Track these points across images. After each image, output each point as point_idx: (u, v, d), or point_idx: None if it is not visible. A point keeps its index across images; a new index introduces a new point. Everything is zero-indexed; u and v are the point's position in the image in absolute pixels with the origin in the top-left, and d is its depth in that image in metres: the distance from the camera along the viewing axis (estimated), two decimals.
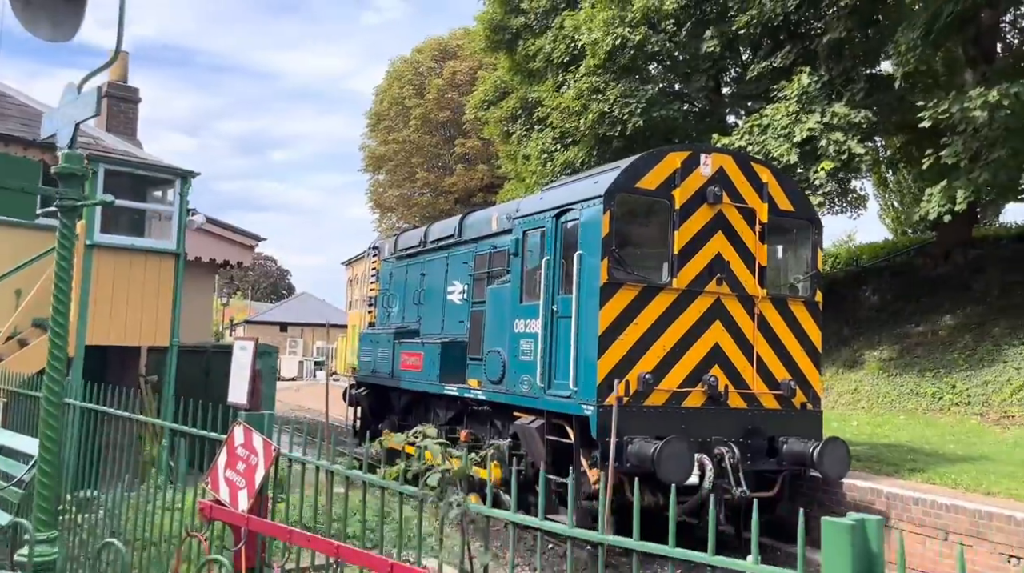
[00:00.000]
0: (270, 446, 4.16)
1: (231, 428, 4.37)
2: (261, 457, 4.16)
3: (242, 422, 4.32)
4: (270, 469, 4.15)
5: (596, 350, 8.34)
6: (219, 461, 4.38)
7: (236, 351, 5.47)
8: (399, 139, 46.60)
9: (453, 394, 11.50)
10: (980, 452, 11.48)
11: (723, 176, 9.12)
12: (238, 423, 4.34)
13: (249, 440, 4.26)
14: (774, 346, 9.25)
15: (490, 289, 10.88)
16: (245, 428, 4.29)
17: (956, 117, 12.45)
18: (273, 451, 4.14)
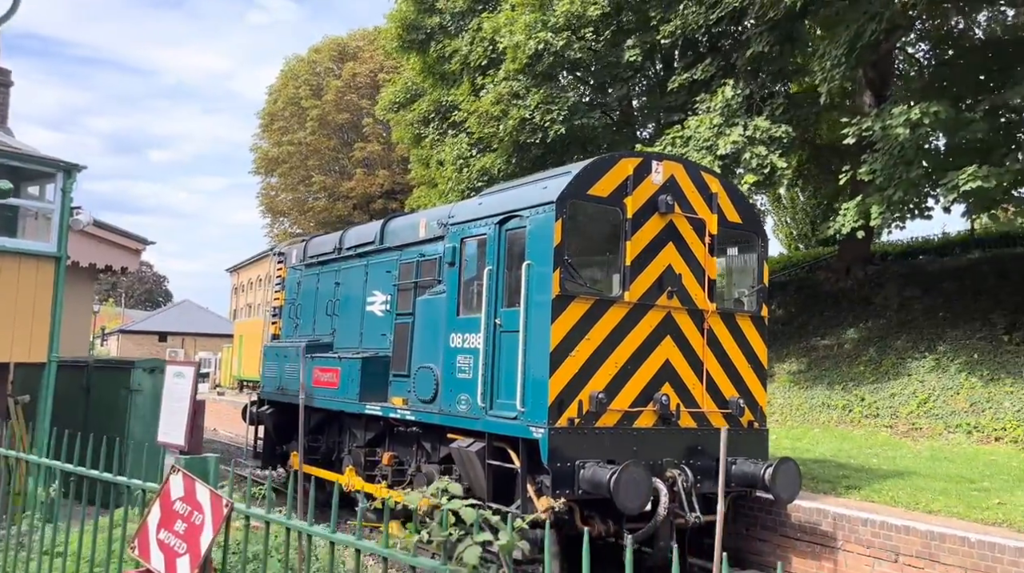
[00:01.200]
0: (220, 501, 3.31)
1: (166, 477, 3.48)
2: (208, 515, 3.31)
3: (181, 470, 3.44)
4: (220, 530, 3.31)
5: (547, 368, 7.73)
6: (150, 520, 3.48)
7: (170, 379, 4.53)
8: (294, 141, 44.83)
9: (375, 414, 10.64)
10: (904, 466, 11.59)
11: (674, 185, 8.73)
12: (176, 470, 3.46)
13: (191, 493, 3.40)
14: (723, 363, 8.92)
15: (420, 300, 10.11)
16: (186, 477, 3.43)
17: (876, 134, 12.64)
18: (225, 507, 3.30)
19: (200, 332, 70.11)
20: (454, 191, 18.80)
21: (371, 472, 11.24)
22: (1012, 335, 15.64)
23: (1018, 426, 13.63)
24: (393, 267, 11.46)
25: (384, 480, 10.68)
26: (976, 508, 8.88)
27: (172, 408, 4.35)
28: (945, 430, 14.42)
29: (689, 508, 8.07)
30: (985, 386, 14.76)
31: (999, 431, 13.76)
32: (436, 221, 10.68)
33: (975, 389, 14.84)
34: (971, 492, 9.68)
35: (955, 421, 14.47)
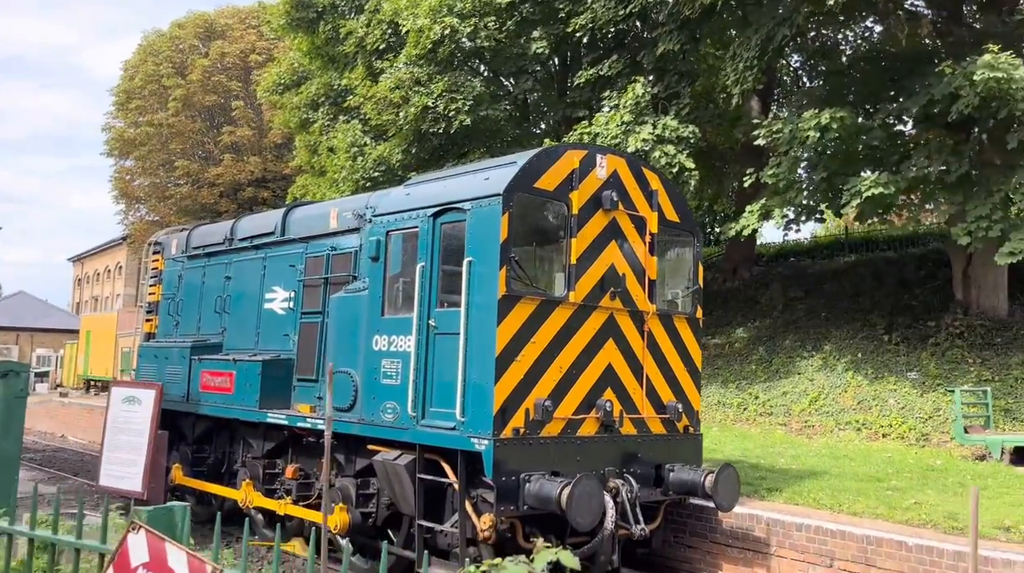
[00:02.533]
0: (204, 569, 2.52)
1: (123, 536, 2.65)
2: None
3: (143, 526, 2.62)
4: None
5: (492, 374, 7.13)
6: None
7: (116, 405, 3.57)
8: (154, 122, 41.66)
9: (278, 423, 9.66)
10: (812, 466, 11.78)
11: (617, 180, 8.33)
12: (136, 527, 2.63)
13: (160, 558, 2.58)
14: (661, 366, 8.62)
15: (335, 298, 9.23)
16: (151, 536, 2.61)
17: (785, 137, 12.83)
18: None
19: (38, 327, 64.29)
20: (348, 180, 17.75)
21: (271, 486, 10.24)
22: (891, 335, 16.43)
23: (903, 423, 14.27)
24: (298, 261, 10.48)
25: (288, 495, 9.73)
26: (896, 508, 9.02)
27: (121, 443, 3.45)
28: (836, 427, 14.92)
29: (634, 520, 7.69)
30: (871, 384, 15.41)
31: (886, 428, 14.36)
32: (351, 211, 9.83)
33: (861, 387, 15.46)
34: (884, 492, 9.88)
35: (844, 418, 15.01)
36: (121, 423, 3.38)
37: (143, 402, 3.32)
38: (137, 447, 3.29)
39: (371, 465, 8.70)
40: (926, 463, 11.86)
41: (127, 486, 3.45)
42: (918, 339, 15.95)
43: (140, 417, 3.32)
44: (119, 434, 3.38)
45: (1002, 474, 10.80)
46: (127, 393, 3.41)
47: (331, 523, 8.63)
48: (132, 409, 3.39)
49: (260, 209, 38.67)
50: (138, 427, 3.32)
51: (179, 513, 2.79)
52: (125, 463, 3.34)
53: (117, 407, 3.42)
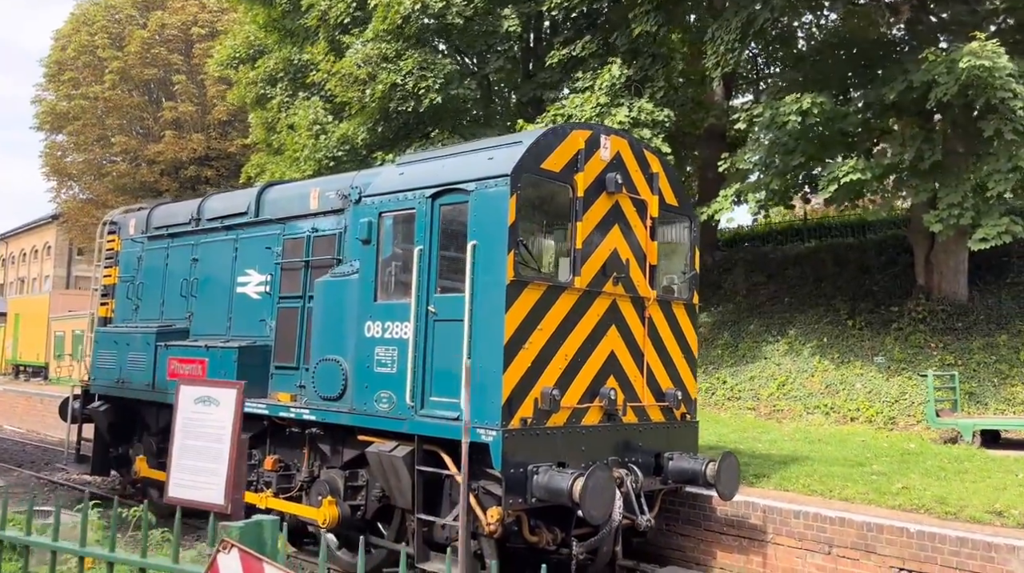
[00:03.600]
0: None
1: (212, 558, 2.31)
2: None
3: (237, 545, 2.28)
4: None
5: (500, 362, 6.85)
6: None
7: (187, 407, 3.14)
8: (89, 95, 39.74)
9: (258, 413, 9.21)
10: (791, 451, 11.84)
11: (620, 162, 8.10)
12: (228, 545, 2.30)
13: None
14: (660, 353, 8.47)
15: (321, 282, 8.79)
16: (246, 557, 2.27)
17: (765, 121, 12.79)
18: None
19: None
20: (310, 160, 17.12)
21: (248, 478, 9.78)
22: (855, 320, 16.68)
23: (870, 407, 14.49)
24: (275, 243, 9.99)
25: (267, 488, 9.30)
26: (885, 494, 9.08)
27: (193, 449, 3.06)
28: (805, 411, 15.09)
29: (639, 510, 7.53)
30: (837, 369, 15.62)
31: (854, 412, 14.57)
32: (334, 191, 9.38)
33: (828, 372, 15.66)
34: (870, 477, 9.95)
35: (813, 403, 15.18)
36: (193, 427, 3.01)
37: (221, 403, 2.97)
38: (215, 454, 2.93)
39: (360, 456, 8.37)
40: (900, 447, 12.04)
41: (203, 497, 3.09)
42: (881, 324, 16.22)
43: (218, 420, 2.96)
44: (190, 439, 3.01)
45: (977, 457, 11.01)
46: (200, 393, 3.03)
47: (320, 517, 8.27)
48: (207, 411, 3.02)
49: (203, 189, 37.38)
50: (216, 431, 2.96)
51: (268, 528, 2.46)
52: (199, 472, 2.98)
53: (188, 409, 3.04)
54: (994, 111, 11.79)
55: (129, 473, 11.67)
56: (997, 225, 12.14)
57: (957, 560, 7.36)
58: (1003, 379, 13.84)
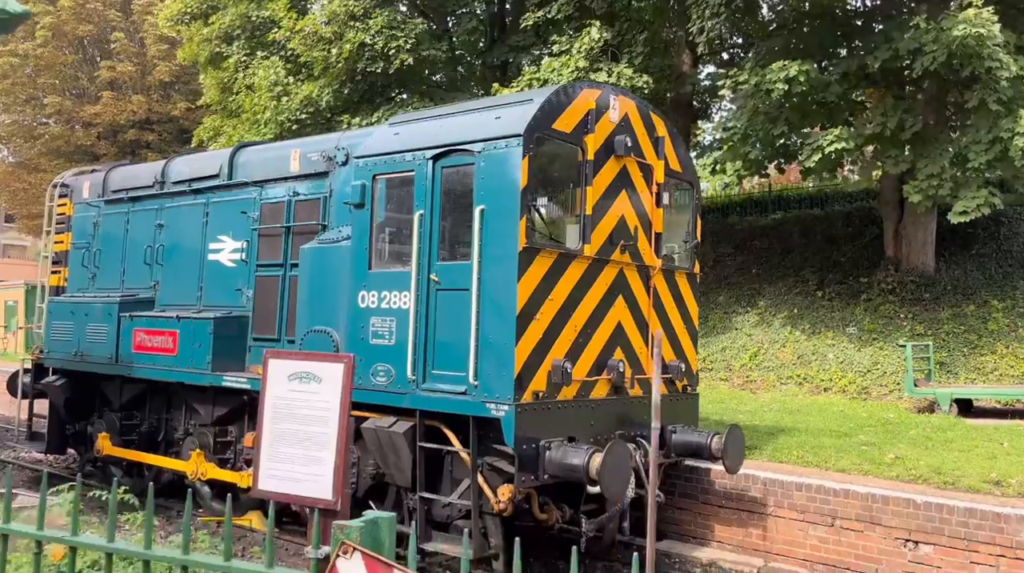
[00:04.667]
0: None
1: (332, 562, 1.92)
2: None
3: (360, 549, 1.91)
4: None
5: (513, 333, 6.49)
6: None
7: (279, 385, 2.67)
8: (18, 52, 37.52)
9: (238, 387, 8.68)
10: (775, 422, 11.81)
11: (628, 125, 7.76)
12: (349, 549, 1.92)
13: None
14: (664, 324, 8.21)
15: (308, 250, 8.27)
16: (371, 562, 1.90)
17: (750, 89, 12.59)
18: None
19: None
20: (271, 122, 16.32)
21: (224, 456, 9.28)
22: (824, 291, 16.78)
23: (843, 377, 14.60)
24: (251, 207, 9.41)
25: (247, 466, 8.80)
26: (879, 464, 9.06)
27: (287, 434, 2.62)
28: (778, 382, 15.14)
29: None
30: (808, 339, 15.69)
31: (827, 382, 14.67)
32: (318, 153, 8.84)
33: (799, 342, 15.72)
34: (860, 447, 9.94)
35: (785, 373, 15.24)
36: (288, 408, 2.57)
37: (325, 380, 2.52)
38: (318, 441, 2.50)
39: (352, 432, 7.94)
40: (880, 416, 12.12)
41: (304, 491, 2.66)
42: (850, 295, 16.34)
43: (321, 401, 2.53)
44: (284, 422, 2.57)
45: (958, 426, 11.12)
46: (296, 368, 2.55)
47: None
48: (306, 390, 2.58)
49: (144, 154, 35.77)
50: (318, 413, 2.53)
51: (385, 528, 2.09)
52: (297, 461, 2.55)
53: (280, 387, 2.58)
54: (978, 81, 11.78)
55: (90, 451, 10.99)
56: (976, 197, 12.21)
57: (966, 531, 7.33)
58: (972, 349, 14.06)
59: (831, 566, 8.04)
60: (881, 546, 7.80)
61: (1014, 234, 15.95)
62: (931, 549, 7.53)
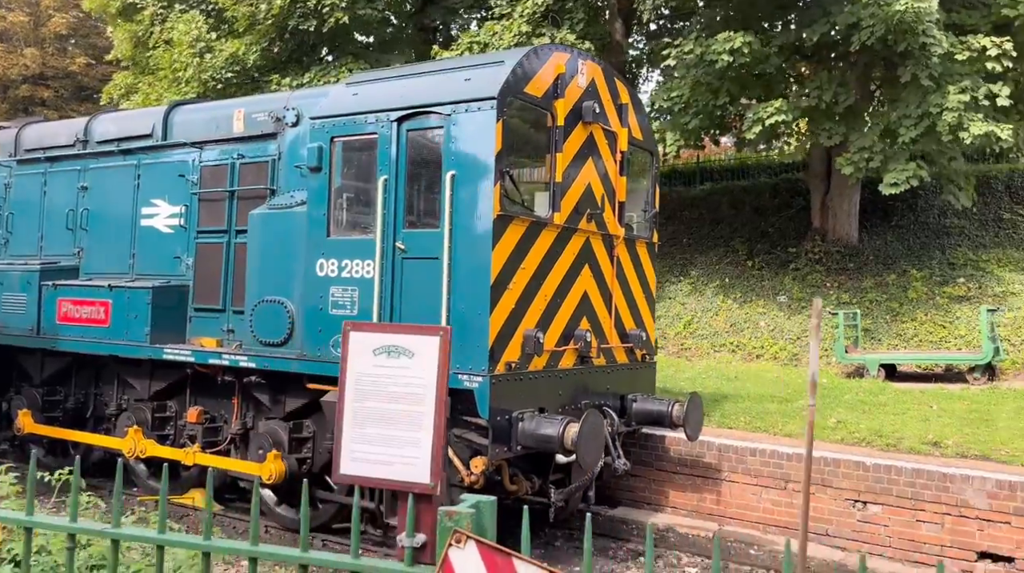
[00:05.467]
0: None
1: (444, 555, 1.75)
2: None
3: (474, 538, 1.74)
4: None
5: (487, 303, 6.32)
6: None
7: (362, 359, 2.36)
8: None
9: (180, 360, 8.22)
10: (717, 389, 12.05)
11: (595, 90, 7.62)
12: (463, 537, 1.75)
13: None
14: (626, 293, 8.20)
15: (258, 216, 7.85)
16: (487, 552, 1.74)
17: (694, 59, 12.64)
18: None
19: None
20: (194, 80, 15.43)
21: (163, 432, 8.81)
22: (754, 261, 17.20)
23: (774, 344, 15.04)
24: (190, 170, 8.86)
25: (192, 442, 8.38)
26: (824, 429, 9.36)
27: (372, 413, 2.34)
28: (712, 350, 15.47)
29: (616, 454, 7.32)
30: (740, 308, 16.08)
31: (759, 349, 15.08)
32: (265, 113, 8.37)
33: (732, 311, 16.10)
34: (803, 412, 10.24)
35: (719, 341, 15.59)
36: (374, 385, 2.29)
37: (418, 354, 2.24)
38: (412, 421, 2.24)
39: (306, 406, 7.68)
40: None
41: (398, 475, 2.41)
42: (779, 264, 16.80)
43: (414, 377, 2.26)
44: (370, 400, 2.29)
45: (888, 390, 11.61)
46: (384, 341, 2.26)
47: (264, 472, 7.52)
48: (396, 365, 2.30)
49: (38, 111, 33.47)
50: (411, 391, 2.26)
51: (488, 513, 1.93)
52: (388, 442, 2.28)
53: (363, 362, 2.29)
54: (911, 57, 12.14)
55: (8, 429, 10.26)
56: (905, 170, 12.65)
57: (913, 490, 7.64)
58: (894, 316, 14.69)
59: (783, 528, 8.28)
60: (831, 507, 8.07)
61: (930, 206, 16.68)
62: (879, 509, 7.83)
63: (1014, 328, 13.56)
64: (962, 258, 15.38)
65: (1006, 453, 8.33)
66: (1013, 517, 7.23)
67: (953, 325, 14.14)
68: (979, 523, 7.39)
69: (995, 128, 11.75)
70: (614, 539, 8.59)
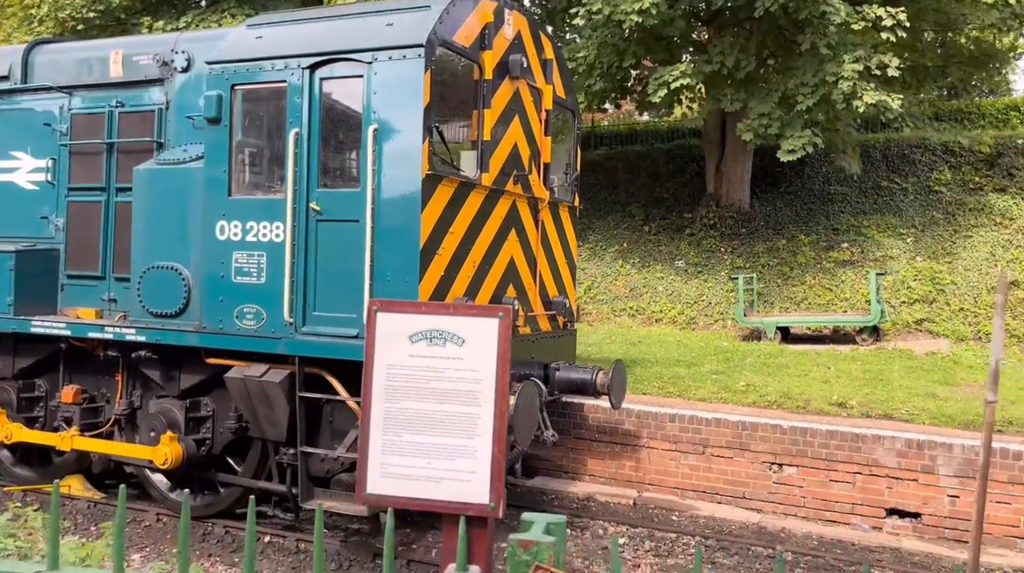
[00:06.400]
0: None
1: None
2: None
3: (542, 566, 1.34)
4: None
5: (416, 270, 5.84)
6: None
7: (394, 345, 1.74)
8: None
9: (53, 333, 7.29)
10: (623, 354, 12.01)
11: (521, 44, 7.17)
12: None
13: None
14: (549, 260, 7.88)
15: (145, 171, 6.98)
16: None
17: (602, 20, 12.35)
18: None
19: None
20: (49, 19, 13.79)
21: (31, 414, 7.85)
22: (650, 226, 17.34)
23: (672, 308, 15.23)
24: (57, 119, 7.82)
25: (67, 425, 7.50)
26: (735, 392, 9.47)
27: (411, 417, 1.78)
28: (612, 314, 15.50)
29: (544, 425, 7.04)
30: (639, 272, 16.17)
31: (658, 313, 15.23)
32: (149, 56, 7.45)
33: (631, 275, 16.17)
34: (711, 376, 10.34)
35: (619, 306, 15.64)
36: (412, 380, 1.73)
37: (471, 340, 1.71)
38: (464, 425, 1.71)
39: (203, 382, 6.99)
40: (715, 346, 12.73)
41: (448, 494, 1.86)
42: (675, 230, 16.99)
43: (467, 370, 1.72)
44: (405, 400, 1.74)
45: (786, 353, 11.93)
46: (424, 324, 1.70)
47: (159, 457, 6.79)
48: (441, 354, 1.76)
49: None
50: (463, 388, 1.73)
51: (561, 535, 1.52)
52: (430, 453, 1.75)
53: (396, 351, 1.72)
54: (810, 25, 12.33)
55: None
56: (801, 136, 12.92)
57: (827, 451, 7.80)
58: (785, 280, 15.15)
59: (702, 492, 8.30)
60: (749, 470, 8.15)
61: (816, 173, 17.26)
62: (795, 470, 7.96)
63: (893, 291, 14.26)
64: (845, 224, 16.01)
65: (906, 412, 8.66)
66: (920, 474, 7.50)
67: (839, 288, 14.73)
68: (888, 481, 7.63)
69: (887, 98, 12.13)
70: (533, 510, 8.38)
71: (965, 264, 14.41)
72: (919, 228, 15.40)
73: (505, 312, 2.19)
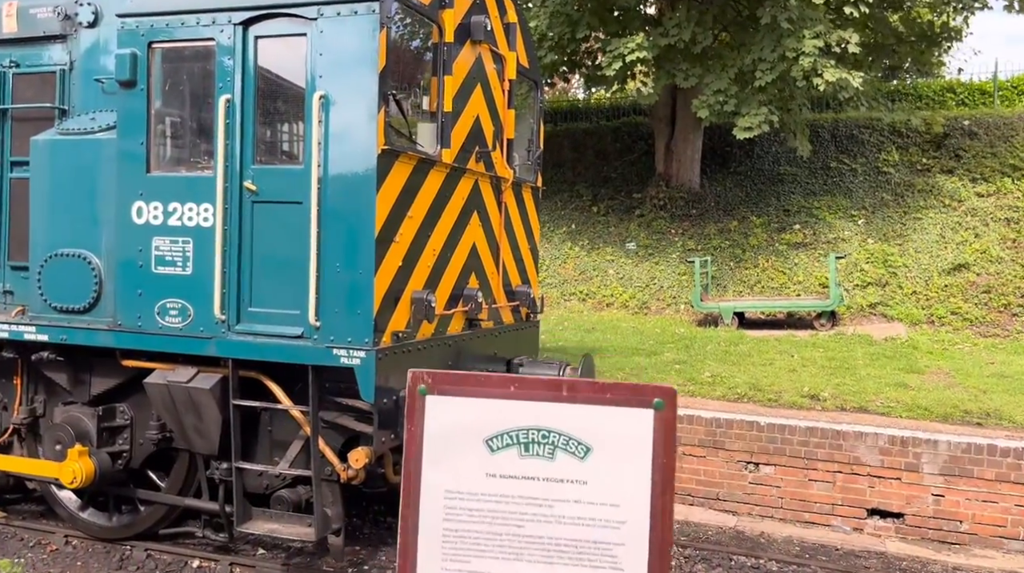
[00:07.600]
0: None
1: None
2: None
3: None
4: None
5: (372, 259, 5.06)
6: None
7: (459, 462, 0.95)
8: None
9: None
10: (579, 342, 11.47)
11: (483, 4, 6.39)
12: None
13: None
14: (512, 246, 7.18)
15: (44, 142, 5.98)
16: None
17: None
18: None
19: None
20: None
21: None
22: (599, 206, 16.79)
23: (624, 292, 14.73)
24: None
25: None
26: (701, 384, 9.00)
27: None
28: (562, 298, 14.92)
29: None
30: (588, 255, 15.62)
31: (609, 297, 14.72)
32: (48, 8, 6.42)
33: (581, 258, 15.60)
34: (674, 366, 9.86)
35: (569, 290, 15.06)
36: (491, 521, 1.01)
37: (602, 448, 0.99)
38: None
39: (119, 387, 6.09)
40: (671, 332, 12.28)
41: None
42: (624, 210, 16.48)
43: (595, 504, 1.00)
44: (479, 559, 1.00)
45: (745, 339, 11.54)
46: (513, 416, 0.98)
47: (66, 475, 5.87)
48: (543, 473, 1.02)
49: None
50: (585, 535, 1.01)
51: None
52: None
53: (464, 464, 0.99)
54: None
55: None
56: (758, 114, 12.49)
57: (806, 449, 7.37)
58: (738, 263, 14.81)
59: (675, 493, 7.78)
60: (723, 470, 7.67)
61: (766, 153, 16.95)
62: (772, 469, 7.52)
63: (846, 274, 14.04)
64: (796, 205, 15.75)
65: (880, 404, 8.32)
66: (903, 473, 7.13)
67: (792, 271, 14.45)
68: (870, 480, 7.25)
69: (847, 75, 11.77)
70: None
71: (916, 246, 14.29)
72: (869, 210, 15.23)
73: (666, 395, 1.44)
